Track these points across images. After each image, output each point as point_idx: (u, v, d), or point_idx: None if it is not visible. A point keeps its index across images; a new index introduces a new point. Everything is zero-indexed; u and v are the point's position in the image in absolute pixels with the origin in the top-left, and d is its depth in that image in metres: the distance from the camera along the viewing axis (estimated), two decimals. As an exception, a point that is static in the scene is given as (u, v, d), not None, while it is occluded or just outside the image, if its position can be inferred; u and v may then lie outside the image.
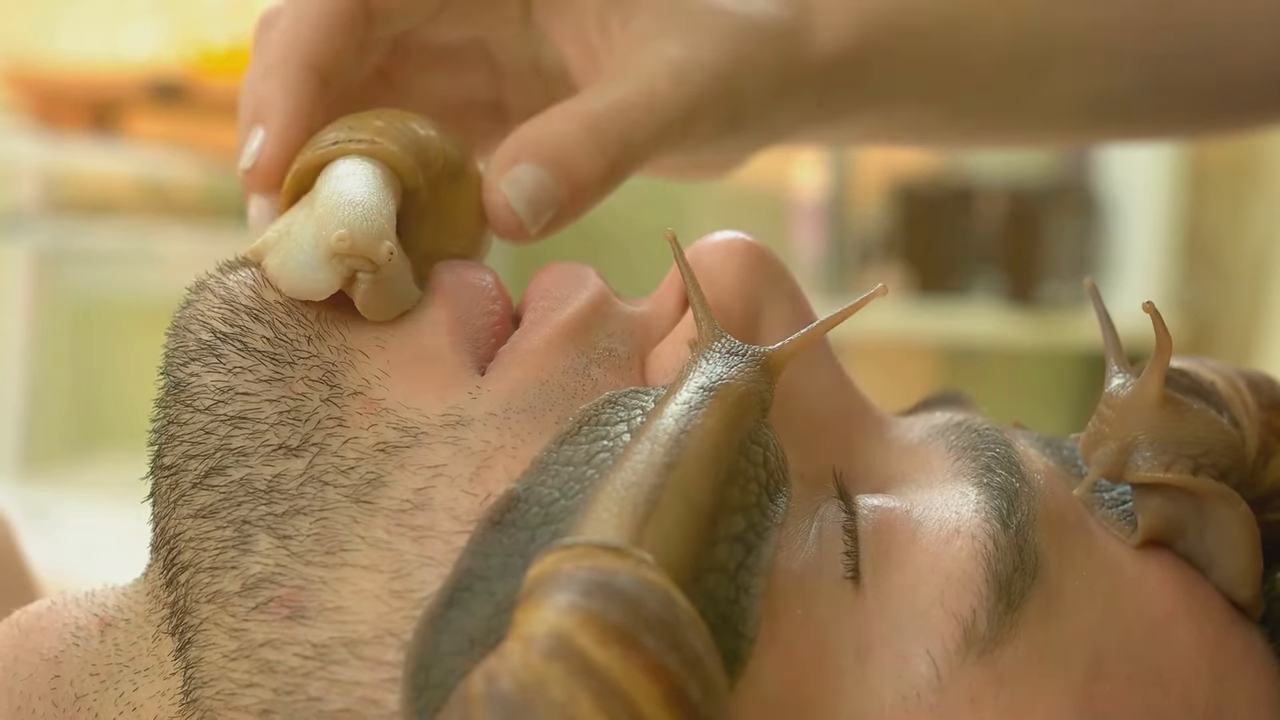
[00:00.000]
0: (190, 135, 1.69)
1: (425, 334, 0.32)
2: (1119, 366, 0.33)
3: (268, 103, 0.36)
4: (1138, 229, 1.72)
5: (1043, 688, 0.28)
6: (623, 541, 0.25)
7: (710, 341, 0.31)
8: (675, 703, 0.22)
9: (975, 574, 0.29)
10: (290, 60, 0.36)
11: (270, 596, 0.28)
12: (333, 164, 0.34)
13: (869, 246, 1.83)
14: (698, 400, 0.28)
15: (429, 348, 0.32)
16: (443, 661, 0.25)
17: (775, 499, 0.28)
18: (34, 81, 1.79)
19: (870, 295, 0.32)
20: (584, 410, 0.29)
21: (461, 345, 0.32)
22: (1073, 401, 1.95)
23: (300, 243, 0.32)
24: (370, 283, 0.31)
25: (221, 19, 2.01)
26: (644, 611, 0.23)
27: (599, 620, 0.22)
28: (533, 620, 0.23)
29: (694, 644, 0.23)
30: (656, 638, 0.22)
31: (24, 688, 0.31)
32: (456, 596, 0.26)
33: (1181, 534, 0.32)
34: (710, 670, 0.23)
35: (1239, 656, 0.31)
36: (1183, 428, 0.31)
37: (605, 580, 0.23)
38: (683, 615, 0.23)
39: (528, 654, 0.22)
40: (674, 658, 0.22)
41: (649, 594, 0.23)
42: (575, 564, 0.24)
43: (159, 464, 0.31)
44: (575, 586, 0.23)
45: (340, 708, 0.27)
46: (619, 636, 0.22)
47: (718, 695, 0.23)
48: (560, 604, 0.23)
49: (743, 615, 0.27)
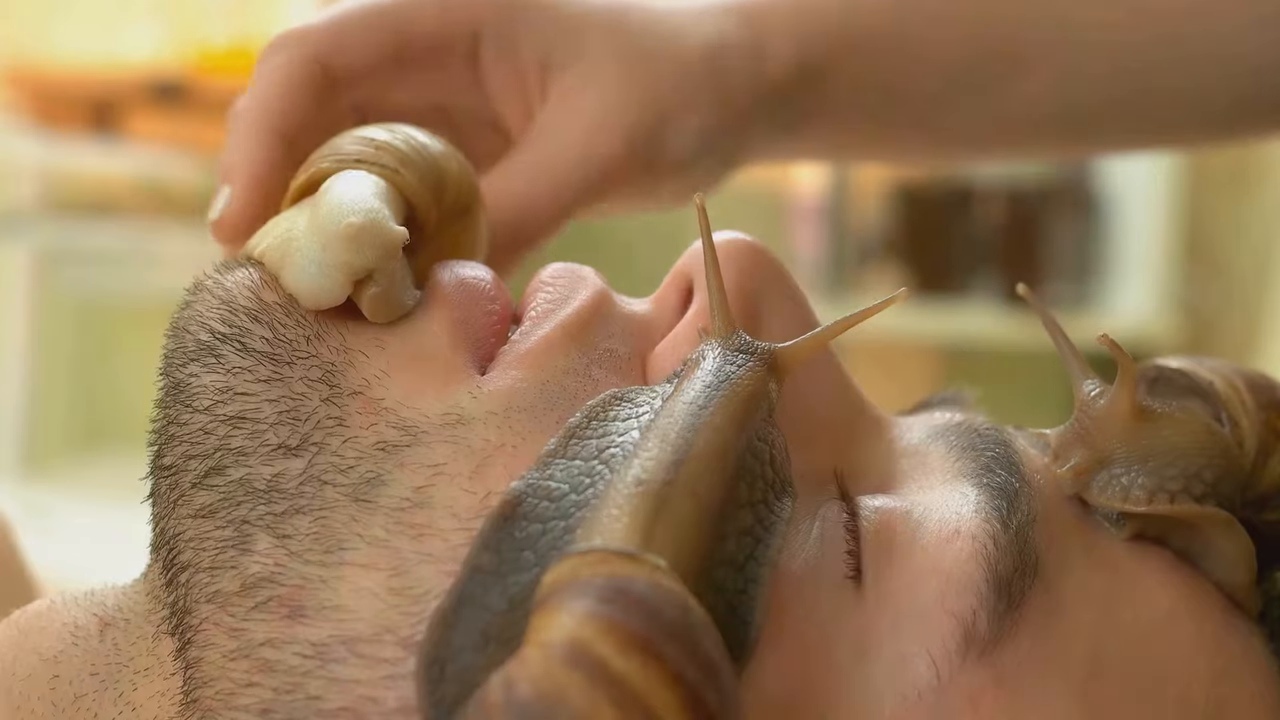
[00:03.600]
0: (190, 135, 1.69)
1: (425, 334, 0.32)
2: (1082, 373, 0.33)
3: (233, 165, 0.39)
4: (1138, 229, 1.72)
5: (1042, 687, 0.28)
6: (636, 546, 0.25)
7: (724, 332, 0.31)
8: (694, 712, 0.22)
9: (975, 574, 0.29)
10: (254, 126, 0.39)
11: (269, 596, 0.28)
12: (342, 174, 0.34)
13: (869, 247, 1.83)
14: (705, 399, 0.28)
15: (429, 347, 0.32)
16: (457, 657, 0.25)
17: (780, 499, 0.28)
18: (34, 81, 1.79)
19: (889, 300, 0.32)
20: (592, 405, 0.29)
21: (461, 345, 0.32)
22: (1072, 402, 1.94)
23: (306, 251, 0.32)
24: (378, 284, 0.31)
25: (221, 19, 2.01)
26: (662, 620, 0.23)
27: (619, 629, 0.22)
28: (551, 626, 0.23)
29: (710, 651, 0.23)
30: (675, 646, 0.23)
31: (23, 687, 0.31)
32: (469, 591, 0.26)
33: (1171, 533, 0.32)
34: (725, 677, 0.23)
35: (1237, 655, 0.31)
36: (1156, 439, 0.32)
37: (623, 587, 0.23)
38: (698, 622, 0.23)
39: (547, 662, 0.22)
40: (692, 666, 0.22)
41: (666, 602, 0.23)
42: (591, 570, 0.24)
43: (158, 464, 0.31)
44: (592, 593, 0.23)
45: (339, 706, 0.27)
46: (640, 645, 0.22)
47: (732, 701, 0.23)
48: (578, 611, 0.23)
49: (750, 605, 0.27)
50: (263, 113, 0.40)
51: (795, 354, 0.31)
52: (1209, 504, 0.31)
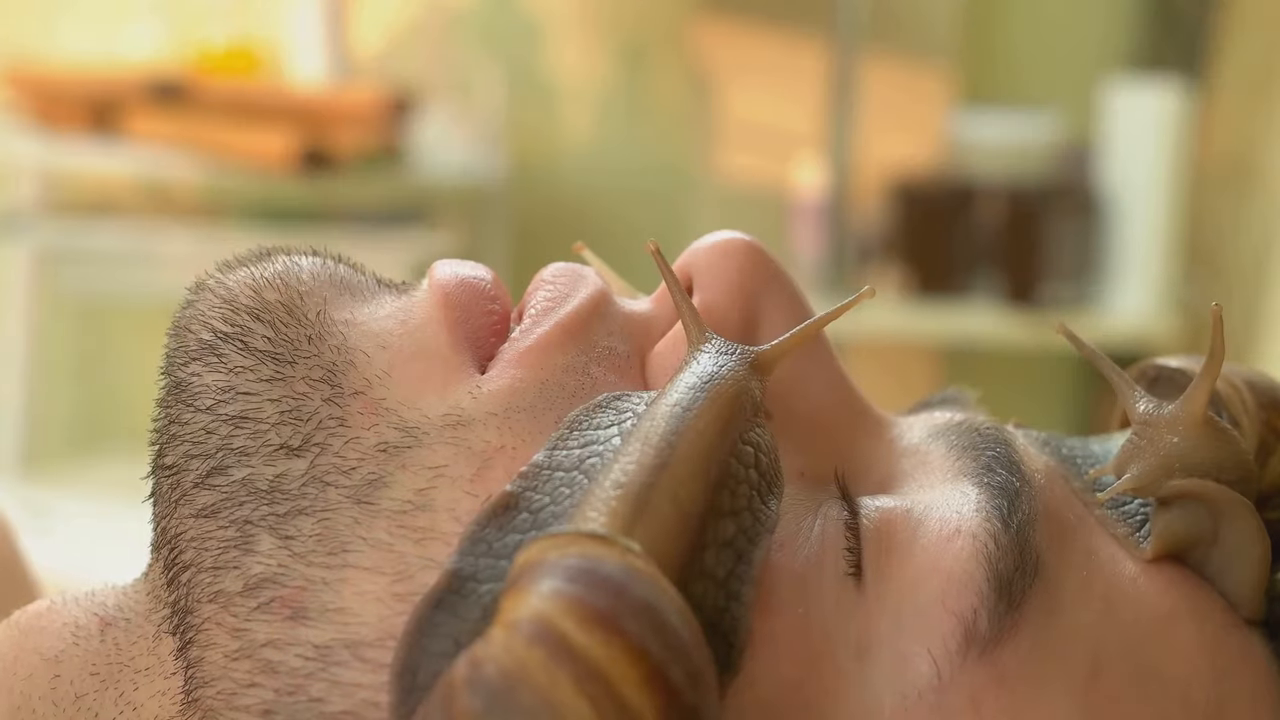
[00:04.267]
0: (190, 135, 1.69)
1: (425, 333, 0.32)
2: (1131, 390, 0.33)
3: None
4: (1138, 229, 1.72)
5: (1043, 687, 0.28)
6: (610, 530, 0.25)
7: (699, 343, 0.31)
8: (657, 687, 0.22)
9: (976, 573, 0.29)
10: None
11: (272, 597, 0.28)
12: None
13: (869, 246, 1.83)
14: (689, 401, 0.28)
15: (429, 347, 0.32)
16: (430, 664, 0.25)
17: (767, 501, 0.28)
18: (34, 81, 1.79)
19: (859, 296, 0.32)
20: (574, 415, 0.29)
21: (462, 344, 0.32)
22: (1073, 401, 1.95)
23: None
24: None
25: (221, 19, 2.01)
26: (628, 597, 0.23)
27: (581, 605, 0.22)
28: (518, 606, 0.23)
29: (679, 630, 0.23)
30: (639, 622, 0.22)
31: (24, 687, 0.31)
32: (444, 599, 0.26)
33: (1192, 550, 0.32)
34: (696, 659, 0.23)
35: (1238, 656, 0.31)
36: (1222, 450, 0.31)
37: (590, 567, 0.23)
38: (669, 602, 0.23)
39: (510, 639, 0.22)
40: (656, 642, 0.22)
41: (634, 580, 0.23)
42: (561, 551, 0.24)
43: (160, 464, 0.31)
44: (560, 573, 0.23)
45: (342, 709, 0.27)
46: (601, 621, 0.22)
47: (704, 684, 0.23)
48: (544, 590, 0.23)
49: (733, 624, 0.26)
50: None
51: (775, 352, 0.31)
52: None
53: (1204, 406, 0.31)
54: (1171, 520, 0.31)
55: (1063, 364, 1.93)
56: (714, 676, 0.24)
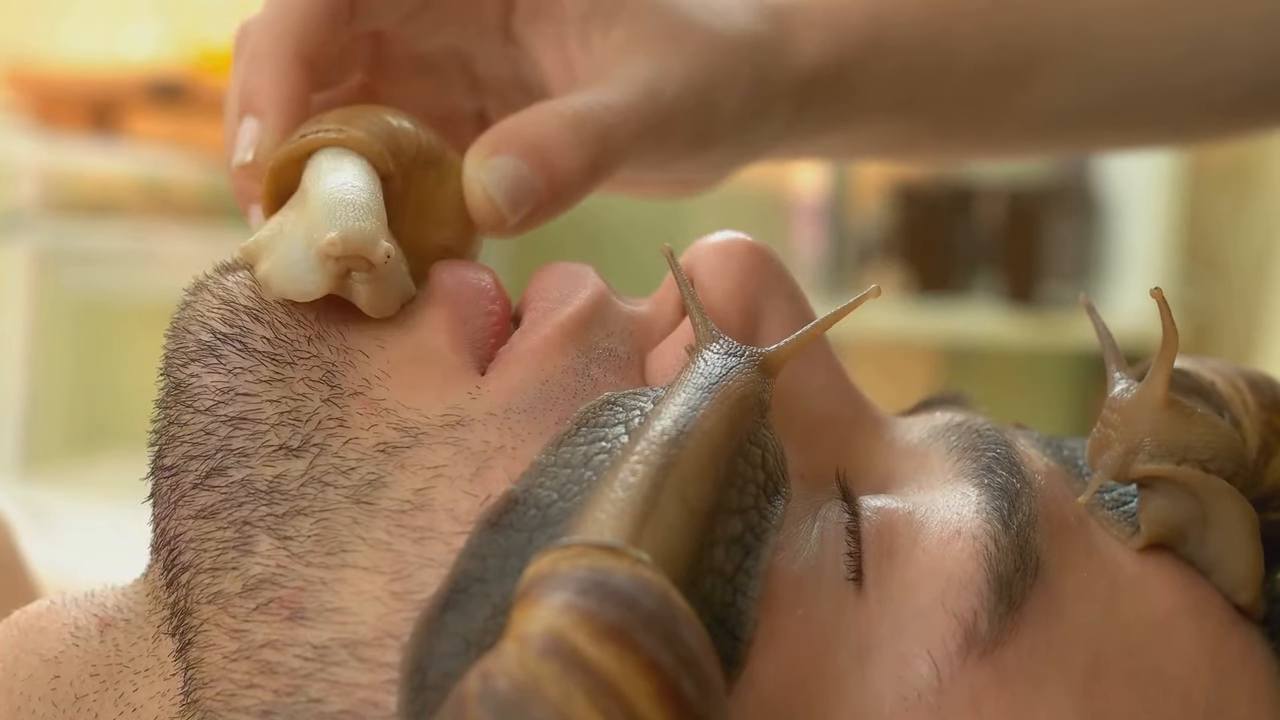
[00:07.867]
0: (190, 135, 1.69)
1: (425, 334, 0.32)
2: (1121, 373, 0.33)
3: (259, 92, 0.36)
4: (1138, 229, 1.72)
5: (1043, 688, 0.28)
6: (620, 541, 0.25)
7: (707, 343, 0.31)
8: (669, 700, 0.22)
9: (976, 575, 0.29)
10: (279, 50, 0.36)
11: (271, 597, 0.28)
12: (316, 159, 0.34)
13: (869, 246, 1.83)
14: (696, 401, 0.28)
15: (428, 347, 0.32)
16: (439, 663, 0.25)
17: (773, 501, 0.28)
18: (34, 81, 1.79)
19: (865, 295, 0.32)
20: (582, 411, 0.29)
21: (461, 345, 0.32)
22: (1073, 401, 1.95)
23: (292, 244, 0.32)
24: (368, 281, 0.31)
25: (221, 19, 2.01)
26: (639, 610, 0.23)
27: (594, 619, 0.22)
28: (529, 619, 0.23)
29: (689, 642, 0.23)
30: (652, 636, 0.22)
31: (23, 688, 0.31)
32: (453, 598, 0.26)
33: (1184, 539, 0.32)
34: (706, 669, 0.23)
35: (1239, 656, 0.31)
36: (1189, 431, 0.31)
37: (601, 579, 0.23)
38: (679, 614, 0.23)
39: (523, 653, 0.22)
40: (668, 655, 0.22)
41: (645, 593, 0.23)
42: (572, 563, 0.24)
43: (159, 465, 0.31)
44: (571, 586, 0.23)
45: (340, 709, 0.27)
46: (613, 634, 0.22)
47: (714, 694, 0.23)
48: (556, 603, 0.23)
49: (739, 619, 0.27)
50: (284, 34, 0.36)
51: (782, 353, 0.31)
52: None
53: (1164, 388, 0.31)
54: (1157, 508, 0.32)
55: (1063, 364, 1.93)
56: (722, 682, 0.24)
